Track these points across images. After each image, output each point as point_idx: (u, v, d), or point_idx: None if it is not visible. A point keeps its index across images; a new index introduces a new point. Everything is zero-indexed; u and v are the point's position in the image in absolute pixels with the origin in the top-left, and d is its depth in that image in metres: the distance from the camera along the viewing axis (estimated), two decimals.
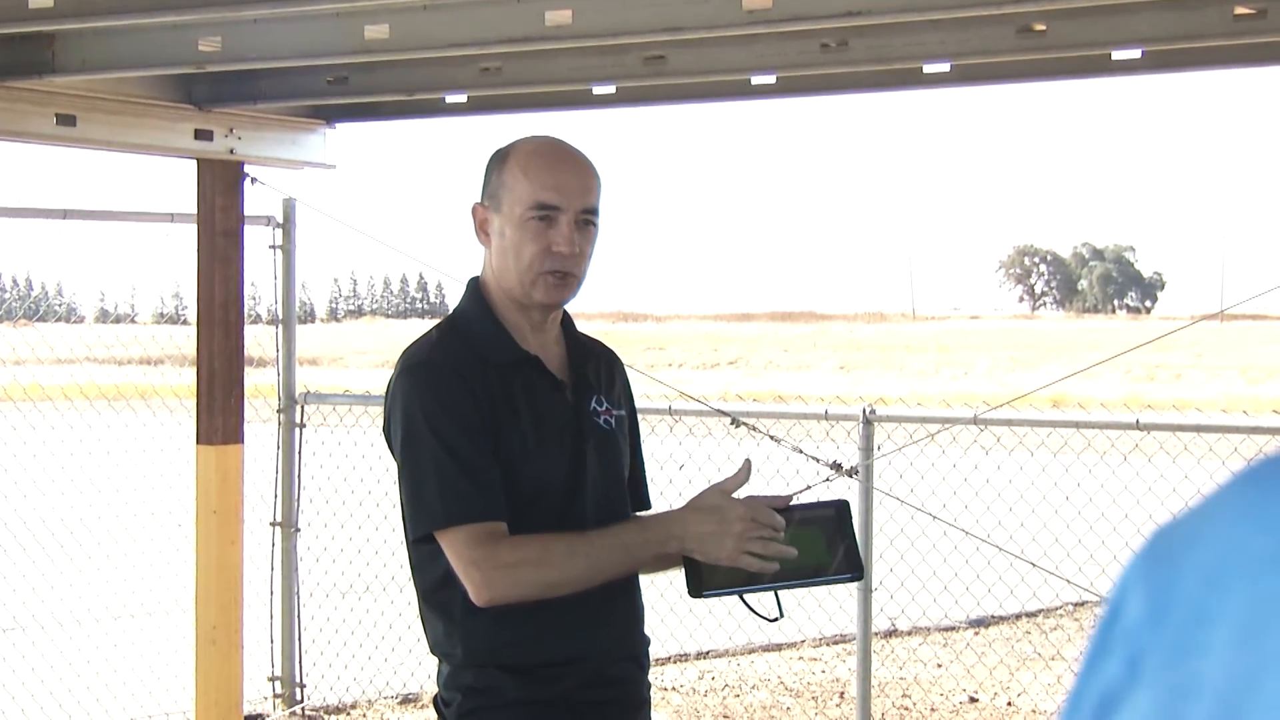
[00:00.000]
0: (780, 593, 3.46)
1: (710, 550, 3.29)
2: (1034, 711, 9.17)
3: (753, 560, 3.29)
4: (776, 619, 3.51)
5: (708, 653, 10.47)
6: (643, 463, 3.87)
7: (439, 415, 3.39)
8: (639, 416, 3.86)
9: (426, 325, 3.72)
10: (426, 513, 3.38)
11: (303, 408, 8.82)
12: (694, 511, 3.34)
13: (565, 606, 3.39)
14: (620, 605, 3.58)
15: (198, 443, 7.74)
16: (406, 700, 9.22)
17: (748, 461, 3.44)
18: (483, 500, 3.35)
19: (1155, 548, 1.00)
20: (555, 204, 3.46)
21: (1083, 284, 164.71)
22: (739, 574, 3.36)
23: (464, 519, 3.33)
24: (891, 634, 11.14)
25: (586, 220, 3.50)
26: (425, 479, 3.38)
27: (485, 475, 3.37)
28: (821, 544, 3.39)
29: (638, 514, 3.72)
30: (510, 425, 3.44)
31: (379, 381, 3.65)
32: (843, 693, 9.61)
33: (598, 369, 3.71)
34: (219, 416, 7.67)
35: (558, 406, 3.54)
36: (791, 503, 3.44)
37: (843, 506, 3.47)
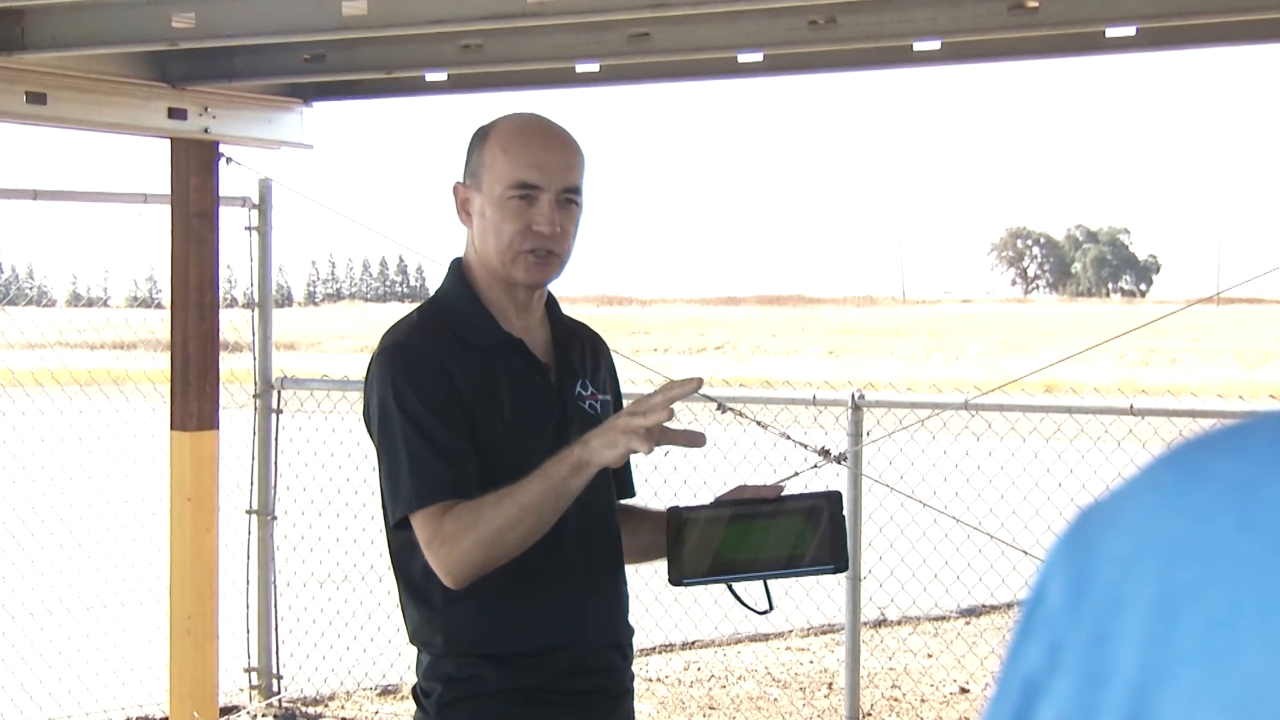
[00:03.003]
0: (768, 583, 3.43)
1: (605, 440, 3.15)
2: None
3: (638, 441, 3.12)
4: (766, 611, 3.47)
5: (693, 643, 10.42)
6: None
7: (409, 395, 3.33)
8: (624, 402, 3.77)
9: (406, 309, 3.70)
10: (401, 497, 3.32)
11: (279, 393, 8.74)
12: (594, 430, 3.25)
13: (547, 594, 3.37)
14: (604, 593, 3.53)
15: (172, 429, 7.67)
16: (386, 691, 9.15)
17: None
18: (448, 480, 3.29)
19: (1076, 530, 0.98)
20: (535, 183, 3.41)
21: (1076, 267, 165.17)
22: (718, 562, 3.33)
23: (429, 500, 3.28)
24: (881, 624, 11.07)
25: (568, 199, 3.45)
26: (398, 463, 3.32)
27: (453, 455, 3.30)
28: (807, 534, 3.34)
29: (622, 503, 3.68)
30: (492, 409, 3.38)
31: (357, 366, 3.59)
32: (831, 683, 9.55)
33: (582, 353, 3.66)
34: (194, 402, 7.61)
35: (541, 390, 3.49)
36: (783, 493, 3.41)
37: (834, 498, 3.41)
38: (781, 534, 3.33)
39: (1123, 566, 0.92)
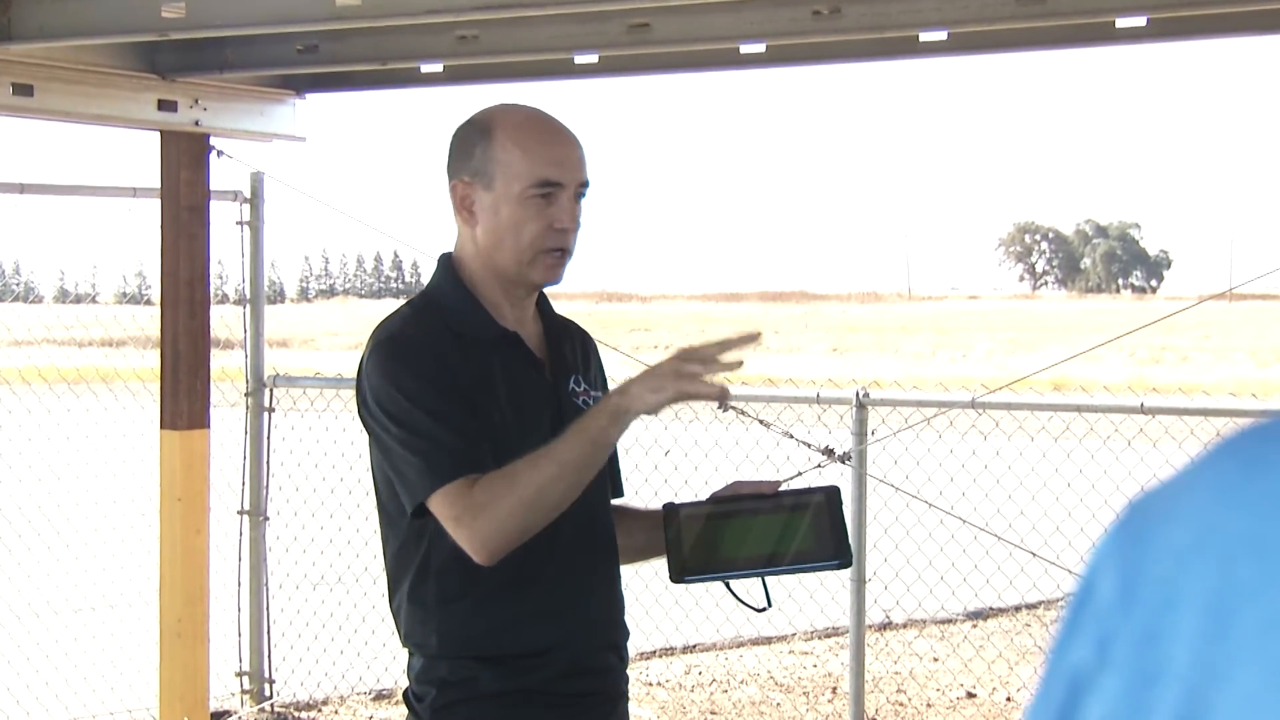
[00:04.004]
0: (767, 581, 3.42)
1: (653, 388, 3.15)
2: None
3: (698, 384, 3.14)
4: (765, 609, 3.46)
5: (695, 646, 10.38)
6: (615, 449, 3.73)
7: (411, 382, 3.30)
8: None
9: (400, 304, 3.65)
10: (421, 480, 3.26)
11: (271, 391, 8.69)
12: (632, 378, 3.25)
13: (544, 594, 3.36)
14: (600, 595, 3.51)
15: (162, 428, 7.64)
16: (380, 696, 9.10)
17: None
18: (469, 456, 3.24)
19: (1129, 522, 0.97)
20: (559, 180, 3.40)
21: (1086, 263, 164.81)
22: (720, 559, 3.33)
23: (450, 476, 3.22)
24: (886, 626, 11.03)
25: (580, 194, 3.44)
26: (411, 447, 3.28)
27: (468, 433, 3.27)
28: (809, 530, 3.34)
29: (613, 502, 3.65)
30: (488, 403, 3.35)
31: (351, 364, 3.58)
32: (835, 688, 9.50)
33: (574, 349, 3.66)
34: (184, 400, 7.57)
35: (536, 385, 3.47)
36: (780, 488, 3.43)
37: (833, 492, 3.42)
38: (780, 530, 3.34)
39: (1177, 561, 0.91)
